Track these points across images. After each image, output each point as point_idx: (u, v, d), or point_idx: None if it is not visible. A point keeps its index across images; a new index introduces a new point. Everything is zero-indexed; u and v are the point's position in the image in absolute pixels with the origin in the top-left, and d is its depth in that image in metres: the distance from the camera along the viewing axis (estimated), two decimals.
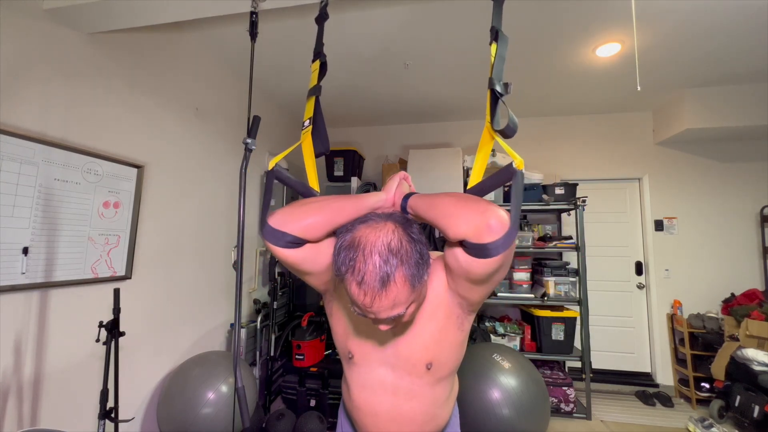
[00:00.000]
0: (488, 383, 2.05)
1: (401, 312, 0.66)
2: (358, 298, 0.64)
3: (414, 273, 0.65)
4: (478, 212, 0.63)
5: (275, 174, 0.85)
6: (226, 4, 1.61)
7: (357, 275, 0.63)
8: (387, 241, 0.65)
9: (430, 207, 0.73)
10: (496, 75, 0.78)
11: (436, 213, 0.71)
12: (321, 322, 2.90)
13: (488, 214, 0.61)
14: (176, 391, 1.96)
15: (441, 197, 0.73)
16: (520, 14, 2.06)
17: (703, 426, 2.53)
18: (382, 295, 0.63)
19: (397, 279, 0.63)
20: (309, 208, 0.74)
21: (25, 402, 1.47)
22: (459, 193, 0.73)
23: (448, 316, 0.80)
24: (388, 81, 2.98)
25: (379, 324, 0.70)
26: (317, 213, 0.73)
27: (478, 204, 0.65)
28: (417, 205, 0.77)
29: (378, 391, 0.85)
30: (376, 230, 0.66)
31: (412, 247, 0.66)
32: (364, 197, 0.79)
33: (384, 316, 0.66)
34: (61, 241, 1.60)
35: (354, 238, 0.66)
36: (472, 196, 0.70)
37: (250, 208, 3.07)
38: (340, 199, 0.76)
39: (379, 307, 0.64)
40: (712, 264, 3.35)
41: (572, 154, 3.67)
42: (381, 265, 0.62)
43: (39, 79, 1.52)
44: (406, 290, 0.64)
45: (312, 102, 0.99)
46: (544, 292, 2.97)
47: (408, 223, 0.70)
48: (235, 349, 0.96)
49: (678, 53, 2.48)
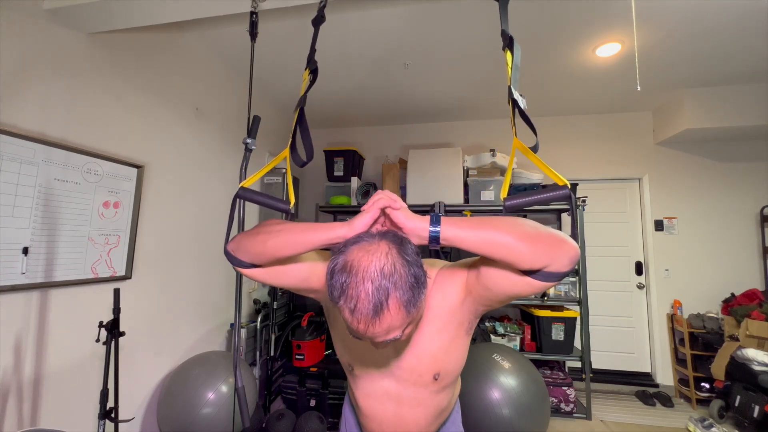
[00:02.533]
0: (488, 383, 2.05)
1: (397, 336, 0.65)
2: (352, 324, 0.62)
3: (409, 298, 0.62)
4: (555, 246, 0.63)
5: (239, 196, 0.82)
6: (226, 4, 1.61)
7: (349, 302, 0.61)
8: (380, 267, 0.61)
9: (485, 243, 0.65)
10: (514, 85, 0.77)
11: (497, 250, 0.64)
12: (321, 322, 2.90)
13: (567, 247, 0.63)
14: (176, 391, 1.96)
15: (493, 227, 0.65)
16: (520, 14, 2.05)
17: (703, 426, 2.53)
18: (376, 323, 0.61)
19: (390, 306, 0.60)
20: (256, 240, 0.73)
21: (25, 402, 1.47)
22: (512, 220, 0.66)
23: (460, 324, 0.80)
24: (388, 81, 2.98)
25: (377, 346, 0.68)
26: (262, 245, 0.72)
27: (551, 235, 0.64)
28: (462, 241, 0.66)
29: (382, 399, 0.86)
30: (369, 253, 0.63)
31: (407, 271, 0.63)
32: (320, 230, 0.70)
33: (379, 341, 0.65)
34: (61, 241, 1.60)
35: (346, 262, 0.63)
36: (530, 223, 0.67)
37: (250, 208, 3.06)
38: (293, 231, 0.71)
39: (374, 334, 0.62)
40: (712, 264, 3.35)
41: (572, 154, 3.67)
42: (373, 293, 0.60)
43: (39, 79, 1.52)
44: (400, 317, 0.62)
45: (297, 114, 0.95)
46: (544, 292, 2.97)
47: (403, 244, 0.66)
48: (235, 349, 0.96)
49: (678, 53, 2.48)
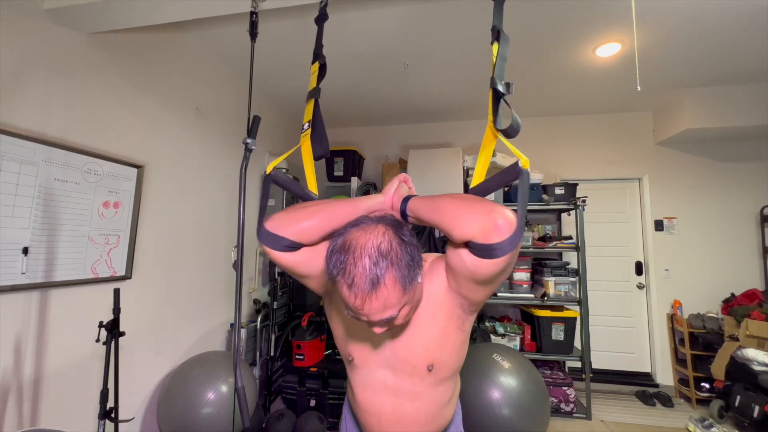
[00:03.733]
0: (488, 383, 2.05)
1: (393, 314, 0.66)
2: (349, 300, 0.65)
3: (404, 275, 0.65)
4: (484, 212, 0.63)
5: (272, 178, 0.86)
6: (226, 4, 1.61)
7: (347, 278, 0.63)
8: (377, 244, 0.65)
9: (432, 209, 0.72)
10: (498, 75, 0.78)
11: (439, 215, 0.70)
12: (321, 322, 2.90)
13: (495, 214, 0.61)
14: (176, 391, 1.96)
15: (443, 198, 0.72)
16: (520, 14, 2.06)
17: (703, 426, 2.53)
18: (372, 297, 0.63)
19: (387, 281, 0.63)
20: (304, 212, 0.74)
21: (25, 402, 1.47)
22: (461, 194, 0.73)
23: (449, 317, 0.80)
24: (388, 81, 2.98)
25: (374, 327, 0.70)
26: (312, 217, 0.74)
27: (484, 204, 0.65)
28: (417, 208, 0.77)
29: (380, 392, 0.85)
30: (367, 233, 0.67)
31: (403, 249, 0.66)
32: (360, 200, 0.79)
33: (376, 319, 0.66)
34: (61, 241, 1.60)
35: (345, 241, 0.67)
36: (476, 197, 0.70)
37: (250, 208, 3.06)
38: (336, 202, 0.76)
39: (370, 310, 0.64)
40: (712, 264, 3.35)
41: (572, 154, 3.67)
42: (371, 268, 0.62)
43: (39, 79, 1.52)
44: (396, 292, 0.64)
45: (311, 105, 0.99)
46: (544, 292, 2.97)
47: (399, 226, 0.70)
48: (235, 349, 0.96)
49: (678, 53, 2.48)
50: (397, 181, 0.87)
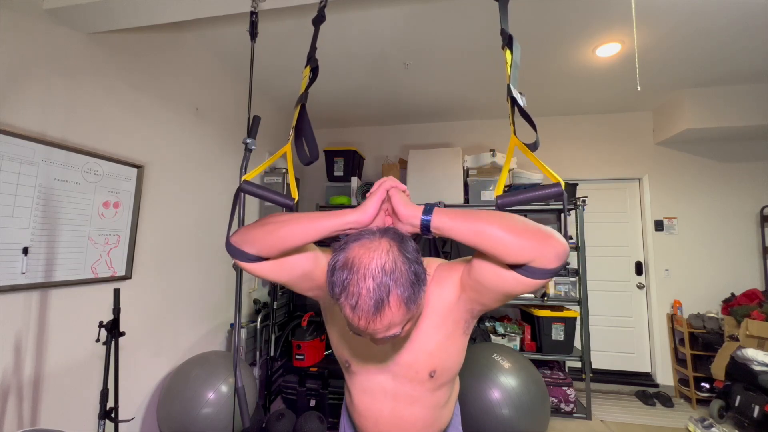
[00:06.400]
0: (488, 383, 2.05)
1: (397, 332, 0.65)
2: (353, 321, 0.63)
3: (409, 295, 0.63)
4: (542, 240, 0.62)
5: (242, 190, 0.81)
6: (226, 4, 1.61)
7: (351, 299, 0.61)
8: (381, 264, 0.62)
9: (476, 234, 0.65)
10: (513, 83, 0.76)
11: (485, 241, 0.64)
12: (321, 322, 2.90)
13: (554, 242, 0.62)
14: (176, 391, 1.96)
15: (487, 221, 0.65)
16: (520, 14, 2.05)
17: (703, 426, 2.53)
18: (377, 320, 0.61)
19: (391, 303, 0.61)
20: (264, 229, 0.72)
21: (25, 402, 1.47)
22: (505, 214, 0.67)
23: (456, 322, 0.80)
24: (388, 81, 2.98)
25: (377, 343, 0.69)
26: (271, 234, 0.71)
27: (539, 231, 0.63)
28: (450, 228, 0.67)
29: (378, 396, 0.85)
30: (370, 250, 0.64)
31: (407, 268, 0.63)
32: (331, 217, 0.71)
33: (380, 337, 0.65)
34: (61, 241, 1.60)
35: (347, 259, 0.64)
36: (524, 220, 0.66)
37: (250, 208, 3.06)
38: (302, 219, 0.71)
39: (375, 330, 0.63)
40: (712, 264, 3.35)
41: (572, 154, 3.67)
42: (375, 289, 0.60)
43: (39, 79, 1.52)
44: (401, 313, 0.63)
45: (297, 110, 0.95)
46: (544, 292, 2.97)
47: (403, 242, 0.67)
48: (235, 349, 0.96)
49: (678, 53, 2.48)
50: (379, 195, 0.73)
